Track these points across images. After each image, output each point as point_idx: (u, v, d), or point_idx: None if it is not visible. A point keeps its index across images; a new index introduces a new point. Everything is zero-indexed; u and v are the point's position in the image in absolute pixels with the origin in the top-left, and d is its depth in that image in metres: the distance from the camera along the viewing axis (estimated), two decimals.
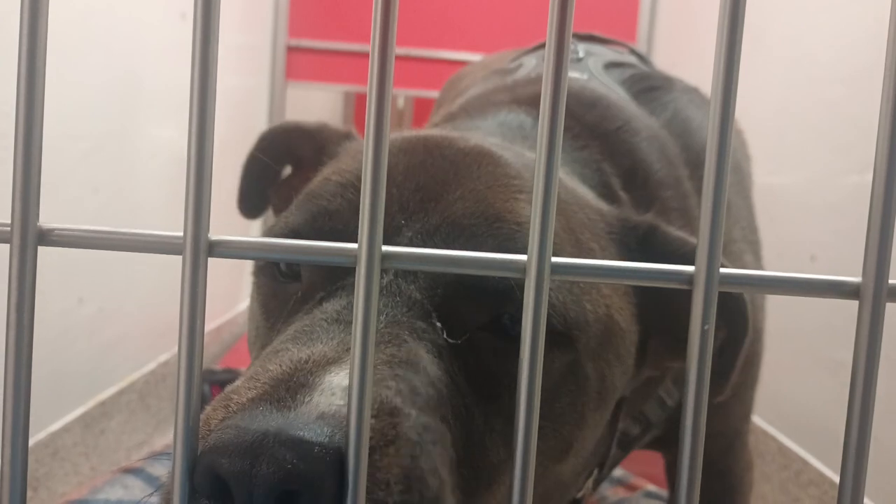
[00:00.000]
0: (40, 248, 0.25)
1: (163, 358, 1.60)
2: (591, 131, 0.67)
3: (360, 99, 3.76)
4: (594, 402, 0.49)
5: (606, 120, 0.68)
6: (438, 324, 0.43)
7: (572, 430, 0.48)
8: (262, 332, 0.51)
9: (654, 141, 0.69)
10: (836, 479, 1.25)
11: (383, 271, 0.40)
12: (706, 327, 0.24)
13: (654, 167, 0.67)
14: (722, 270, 0.24)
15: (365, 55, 2.34)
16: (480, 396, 0.44)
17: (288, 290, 0.49)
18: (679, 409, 0.32)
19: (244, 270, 2.37)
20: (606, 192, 0.63)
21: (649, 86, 0.78)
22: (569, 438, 0.49)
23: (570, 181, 0.58)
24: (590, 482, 0.62)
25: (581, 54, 0.80)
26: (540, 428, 0.26)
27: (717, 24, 0.24)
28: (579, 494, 0.62)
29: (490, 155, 0.50)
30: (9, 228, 0.24)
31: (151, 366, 1.55)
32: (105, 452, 1.35)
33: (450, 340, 0.43)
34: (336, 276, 0.45)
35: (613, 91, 0.73)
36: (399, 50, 2.32)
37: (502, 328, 0.44)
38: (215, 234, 0.24)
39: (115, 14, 1.32)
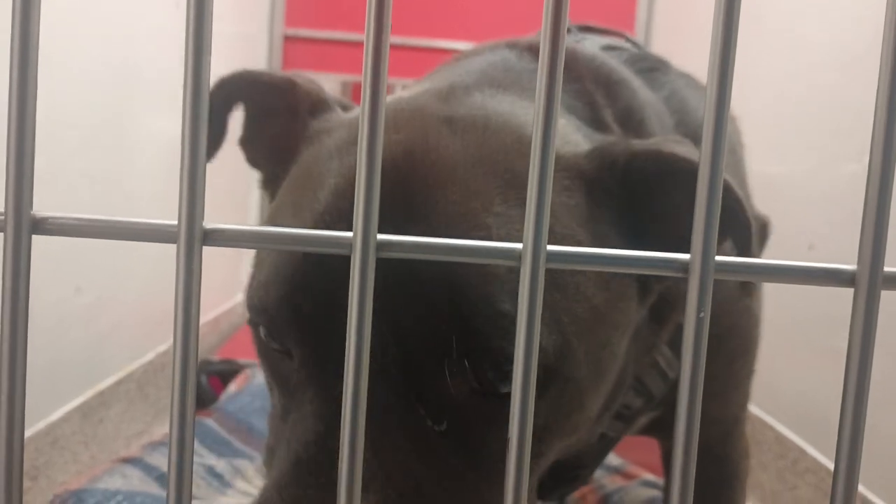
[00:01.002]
0: (36, 237, 0.25)
1: (161, 348, 1.60)
2: (587, 71, 0.65)
3: (357, 88, 3.75)
4: (592, 389, 0.49)
5: (605, 71, 0.66)
6: (424, 413, 0.42)
7: (569, 420, 0.48)
8: (273, 396, 0.51)
9: (652, 106, 0.69)
10: (833, 466, 1.25)
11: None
12: (701, 315, 0.24)
13: (651, 120, 0.66)
14: (717, 258, 0.24)
15: (362, 45, 2.33)
16: (476, 471, 0.43)
17: (283, 367, 0.48)
18: (675, 391, 0.32)
19: (242, 261, 2.37)
20: (597, 126, 0.60)
21: (647, 66, 0.78)
22: (564, 429, 0.49)
23: None
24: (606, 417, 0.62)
25: (577, 39, 0.79)
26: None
27: (713, 14, 0.24)
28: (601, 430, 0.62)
29: (458, 180, 0.45)
30: (2, 217, 0.24)
31: (150, 355, 1.55)
32: (104, 442, 1.35)
33: (438, 428, 0.42)
34: (325, 360, 0.43)
35: (616, 64, 0.72)
36: (397, 39, 2.31)
37: (489, 386, 0.43)
38: (210, 223, 0.24)
39: (109, 3, 1.32)
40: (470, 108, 0.51)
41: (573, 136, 0.53)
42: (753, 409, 1.45)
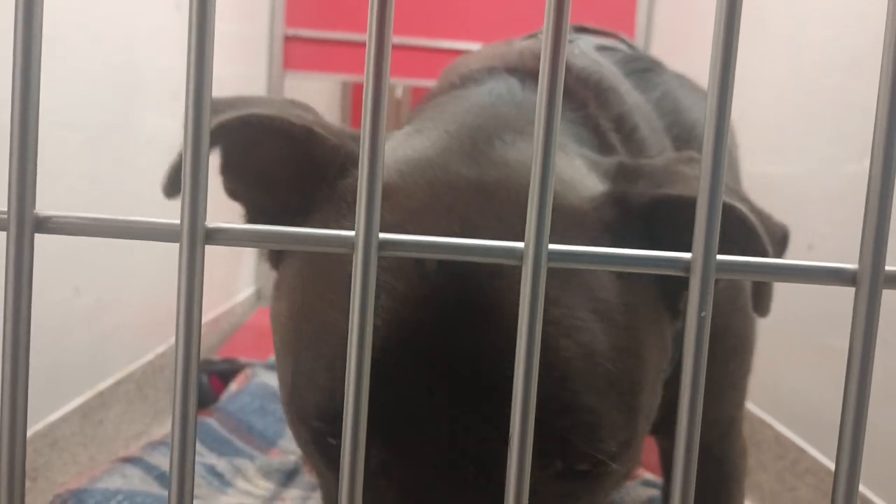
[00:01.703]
0: (38, 237, 0.25)
1: (160, 349, 1.60)
2: (583, 85, 0.65)
3: (358, 89, 3.75)
4: (634, 450, 0.49)
5: (595, 80, 0.67)
6: (498, 493, 0.43)
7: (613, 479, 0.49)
8: (327, 489, 0.51)
9: (640, 110, 0.69)
10: (833, 466, 1.26)
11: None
12: (703, 314, 0.24)
13: (642, 125, 0.66)
14: (719, 257, 0.24)
15: (363, 45, 2.33)
16: None
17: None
18: (672, 389, 0.32)
19: (242, 260, 2.37)
20: (605, 150, 0.60)
21: (641, 67, 0.78)
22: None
23: (566, 161, 0.53)
24: None
25: (572, 39, 0.80)
26: None
27: (714, 14, 0.24)
28: None
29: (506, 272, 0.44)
30: (6, 216, 0.24)
31: (149, 356, 1.55)
32: (103, 442, 1.35)
33: None
34: (409, 462, 0.43)
35: (606, 68, 0.73)
36: (397, 39, 2.31)
37: (567, 473, 0.44)
38: (212, 222, 0.24)
39: (109, 4, 1.32)
40: (497, 167, 0.50)
41: (589, 180, 0.52)
42: (752, 408, 1.45)
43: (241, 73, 2.20)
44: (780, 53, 1.53)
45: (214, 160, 0.63)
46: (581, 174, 0.53)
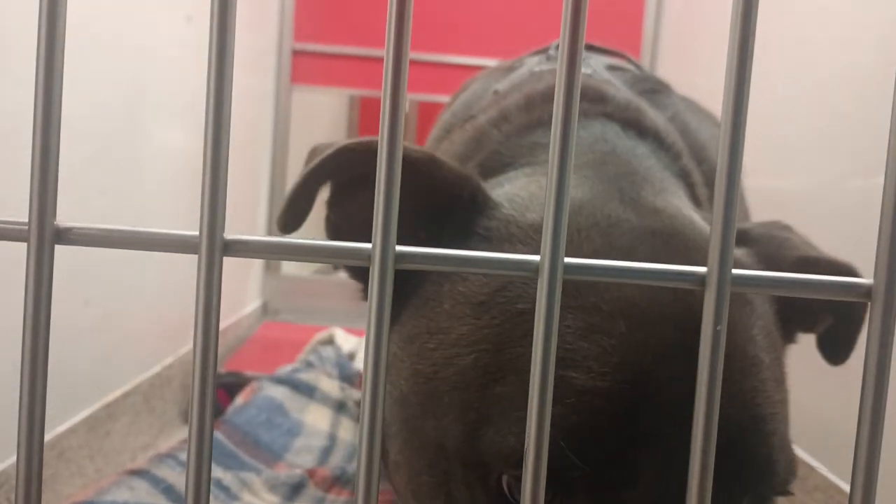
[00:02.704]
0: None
1: (167, 360, 1.60)
2: (624, 112, 0.66)
3: (365, 103, 3.77)
4: None
5: (633, 107, 0.68)
6: None
7: None
8: None
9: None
10: (842, 484, 1.25)
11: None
12: (718, 328, 0.24)
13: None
14: (734, 271, 0.24)
15: (370, 59, 2.35)
16: None
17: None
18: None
19: (250, 273, 2.37)
20: (696, 202, 0.63)
21: (650, 87, 0.79)
22: None
23: (692, 214, 0.55)
24: None
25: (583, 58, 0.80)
26: None
27: (726, 35, 0.25)
28: None
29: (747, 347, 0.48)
30: (26, 227, 0.24)
31: (156, 368, 1.55)
32: (110, 454, 1.35)
33: None
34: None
35: (621, 89, 0.73)
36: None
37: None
38: (230, 234, 0.25)
39: (120, 16, 1.33)
40: (655, 216, 0.51)
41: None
42: None
43: (250, 87, 2.22)
44: (785, 69, 1.54)
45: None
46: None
